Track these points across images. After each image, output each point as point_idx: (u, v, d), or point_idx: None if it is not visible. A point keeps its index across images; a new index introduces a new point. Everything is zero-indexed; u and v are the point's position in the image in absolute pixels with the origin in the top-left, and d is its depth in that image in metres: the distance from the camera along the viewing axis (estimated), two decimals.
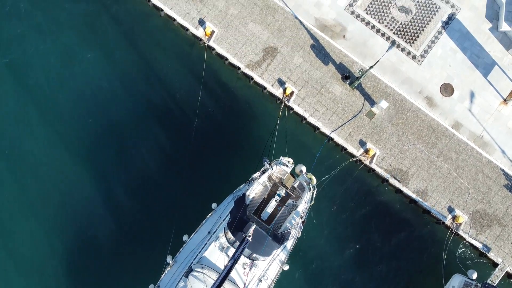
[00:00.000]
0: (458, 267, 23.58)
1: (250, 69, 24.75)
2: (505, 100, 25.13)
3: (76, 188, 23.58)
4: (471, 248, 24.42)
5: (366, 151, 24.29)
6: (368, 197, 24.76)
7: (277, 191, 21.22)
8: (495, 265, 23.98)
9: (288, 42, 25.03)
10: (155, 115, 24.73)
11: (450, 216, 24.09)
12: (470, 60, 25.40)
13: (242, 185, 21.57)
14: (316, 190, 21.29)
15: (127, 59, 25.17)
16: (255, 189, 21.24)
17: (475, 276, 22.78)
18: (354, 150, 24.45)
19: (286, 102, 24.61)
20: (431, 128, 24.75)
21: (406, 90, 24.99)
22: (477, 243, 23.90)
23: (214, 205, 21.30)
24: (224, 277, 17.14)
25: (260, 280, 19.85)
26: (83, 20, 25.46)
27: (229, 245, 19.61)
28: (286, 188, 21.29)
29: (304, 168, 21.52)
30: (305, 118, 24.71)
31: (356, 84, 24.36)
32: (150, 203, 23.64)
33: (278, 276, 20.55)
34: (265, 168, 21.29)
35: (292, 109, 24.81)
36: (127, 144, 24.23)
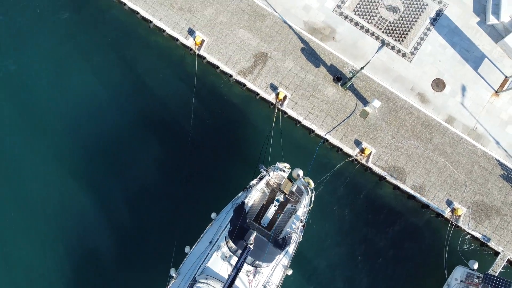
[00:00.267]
0: (460, 259, 23.79)
1: (242, 76, 24.87)
2: (496, 92, 25.34)
3: (73, 204, 23.64)
4: (472, 239, 24.65)
5: (362, 151, 24.46)
6: (366, 196, 24.94)
7: (276, 197, 21.35)
8: (496, 254, 24.20)
9: (278, 47, 25.15)
10: (150, 127, 24.83)
11: (449, 209, 24.31)
12: (460, 54, 25.58)
13: (240, 193, 21.68)
14: (314, 193, 21.45)
15: (118, 73, 25.25)
16: (254, 196, 21.37)
17: (476, 266, 23.02)
18: (350, 150, 24.62)
19: (279, 107, 24.75)
20: (424, 124, 24.94)
21: (398, 88, 25.16)
22: (477, 233, 24.13)
23: (213, 214, 21.43)
24: (228, 286, 17.31)
25: (264, 287, 20.01)
26: (73, 33, 25.50)
27: (231, 253, 19.74)
28: (284, 193, 21.41)
29: (301, 172, 21.69)
30: (299, 122, 24.86)
31: (348, 85, 24.51)
32: (150, 216, 23.74)
33: (282, 281, 20.73)
34: (262, 174, 21.41)
35: (286, 113, 24.95)
36: (123, 158, 24.31)
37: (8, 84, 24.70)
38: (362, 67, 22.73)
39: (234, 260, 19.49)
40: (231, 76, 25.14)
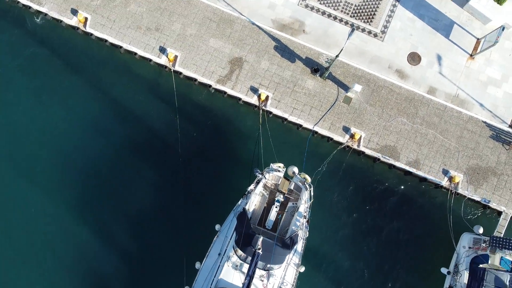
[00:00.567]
0: (466, 226, 24.06)
1: (221, 84, 24.88)
2: (471, 55, 25.62)
3: (74, 237, 23.49)
4: (473, 204, 24.92)
5: (352, 136, 24.62)
6: (364, 180, 25.10)
7: (276, 198, 21.43)
8: (499, 214, 24.53)
9: (251, 49, 25.20)
10: (139, 151, 24.71)
11: (446, 178, 24.56)
12: (429, 25, 25.82)
13: (240, 200, 21.73)
14: (312, 187, 21.54)
15: (97, 103, 25.02)
16: (254, 201, 21.42)
17: (481, 231, 23.26)
18: (340, 137, 24.75)
19: (263, 108, 24.80)
20: (408, 99, 25.15)
21: (376, 68, 25.34)
22: (477, 197, 24.41)
23: (217, 226, 21.44)
24: None
25: None
26: (45, 68, 25.21)
27: (241, 262, 19.78)
28: (283, 192, 21.52)
29: (296, 169, 21.82)
30: (286, 119, 24.94)
31: (326, 74, 24.63)
32: (155, 239, 23.65)
33: (296, 279, 20.79)
34: (258, 178, 21.47)
35: (271, 113, 25.02)
36: (116, 186, 24.17)
37: None
38: (337, 55, 22.85)
39: (246, 267, 19.54)
40: (210, 86, 25.13)
